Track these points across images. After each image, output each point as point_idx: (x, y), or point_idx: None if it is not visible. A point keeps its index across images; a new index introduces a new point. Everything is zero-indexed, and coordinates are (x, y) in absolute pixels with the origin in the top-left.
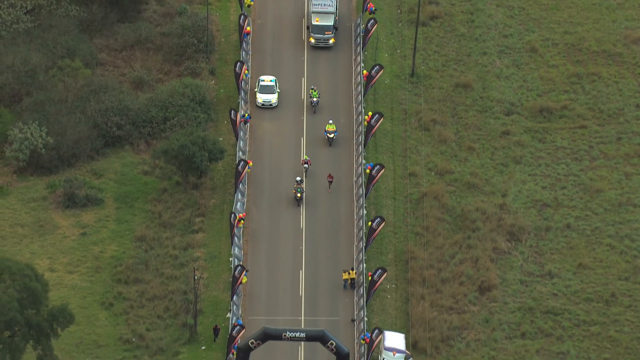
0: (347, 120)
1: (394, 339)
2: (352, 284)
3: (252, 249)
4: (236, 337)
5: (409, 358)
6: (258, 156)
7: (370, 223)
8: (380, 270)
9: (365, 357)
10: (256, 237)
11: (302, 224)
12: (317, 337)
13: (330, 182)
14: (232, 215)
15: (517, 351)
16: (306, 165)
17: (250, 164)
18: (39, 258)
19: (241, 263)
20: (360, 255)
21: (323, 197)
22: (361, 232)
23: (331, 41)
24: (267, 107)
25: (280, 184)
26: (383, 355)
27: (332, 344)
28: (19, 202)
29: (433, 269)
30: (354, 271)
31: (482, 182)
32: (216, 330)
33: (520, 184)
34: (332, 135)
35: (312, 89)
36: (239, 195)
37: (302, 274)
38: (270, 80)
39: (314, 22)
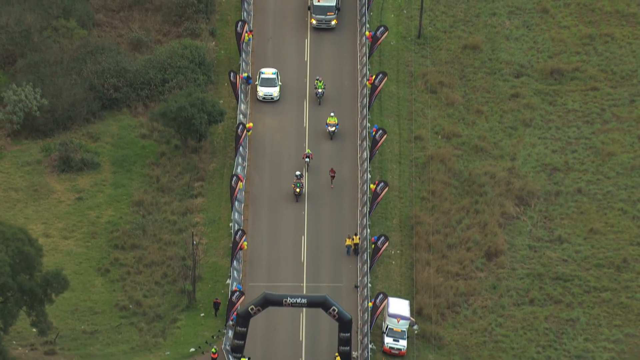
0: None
1: (399, 306)
2: (355, 250)
3: (253, 214)
4: (236, 303)
5: (414, 325)
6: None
7: (373, 187)
8: (382, 238)
9: (369, 323)
10: (257, 202)
11: (305, 189)
12: (318, 303)
13: (333, 177)
14: (234, 177)
15: (525, 318)
16: (308, 159)
17: (250, 126)
18: (33, 223)
19: (242, 228)
20: (364, 220)
21: (326, 163)
22: (365, 197)
23: (333, 22)
24: (268, 100)
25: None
26: (387, 322)
27: (334, 310)
28: (12, 166)
29: (439, 234)
30: (357, 237)
31: (491, 145)
32: (217, 305)
33: (529, 147)
34: (333, 129)
35: (317, 79)
36: (240, 159)
37: (304, 239)
38: (272, 73)
39: (316, 3)
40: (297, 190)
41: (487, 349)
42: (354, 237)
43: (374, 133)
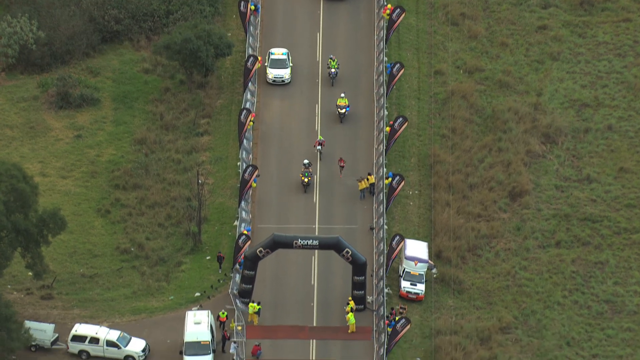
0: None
1: (416, 248)
2: (371, 190)
3: (262, 153)
4: (242, 247)
5: (433, 268)
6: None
7: (391, 123)
8: (397, 178)
9: (384, 267)
10: (267, 139)
11: (317, 125)
12: (331, 245)
13: (342, 168)
14: (243, 111)
15: (551, 261)
16: (319, 147)
17: (260, 60)
18: (30, 162)
19: (252, 164)
20: (381, 159)
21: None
22: (382, 135)
23: None
24: (278, 83)
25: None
26: (404, 265)
27: (347, 252)
28: (7, 102)
29: (460, 173)
30: (372, 176)
31: (516, 80)
32: (220, 259)
33: (557, 82)
34: (343, 111)
35: (330, 58)
36: (249, 95)
37: (316, 179)
38: (282, 54)
39: None
40: (306, 180)
41: (510, 294)
42: (369, 177)
43: (390, 68)
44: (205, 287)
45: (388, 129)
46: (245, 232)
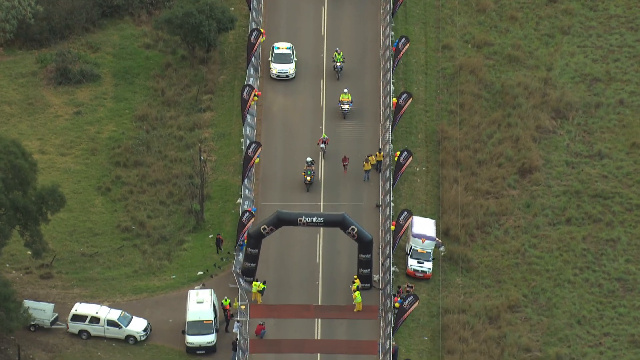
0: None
1: (424, 226)
2: (378, 167)
3: (266, 129)
4: (246, 225)
5: (441, 246)
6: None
7: (396, 99)
8: (405, 153)
9: (391, 244)
10: (271, 115)
11: (322, 101)
12: (336, 222)
13: (346, 166)
14: (246, 88)
15: (561, 238)
16: (323, 145)
17: (264, 34)
18: (28, 139)
19: (255, 140)
20: (387, 135)
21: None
22: (388, 110)
23: None
24: (282, 78)
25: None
26: (411, 243)
27: (353, 229)
28: (6, 78)
29: (468, 149)
30: (381, 153)
31: (525, 54)
32: (219, 241)
33: (568, 56)
34: (346, 107)
35: (336, 51)
36: (252, 70)
37: (321, 155)
38: (287, 48)
39: None
40: (308, 178)
41: (520, 272)
42: (377, 153)
43: (397, 42)
44: (208, 266)
45: (395, 100)
46: (251, 210)
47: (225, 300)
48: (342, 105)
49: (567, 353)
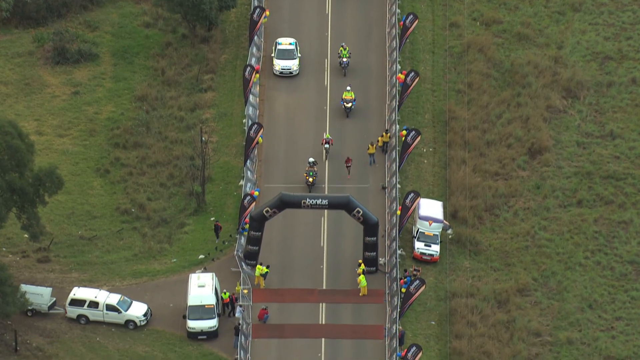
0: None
1: (431, 208)
2: (384, 149)
3: (269, 110)
4: (248, 207)
5: (448, 229)
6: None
7: (404, 73)
8: (413, 133)
9: (397, 227)
10: (273, 96)
11: (327, 81)
12: (341, 205)
13: (349, 167)
14: (248, 67)
15: (572, 220)
16: (327, 146)
17: (268, 13)
18: (25, 120)
19: (257, 121)
20: (393, 115)
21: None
22: (394, 90)
23: None
24: (286, 75)
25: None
26: (418, 226)
27: (358, 212)
28: (2, 58)
29: (476, 130)
30: (387, 134)
31: (535, 32)
32: (217, 228)
33: (579, 34)
34: (349, 105)
35: (342, 46)
36: (254, 49)
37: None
38: (290, 44)
39: None
40: (310, 180)
41: (530, 255)
42: (384, 134)
43: (404, 19)
44: (210, 249)
45: (402, 75)
46: (253, 193)
47: (225, 293)
48: (345, 104)
49: (578, 337)
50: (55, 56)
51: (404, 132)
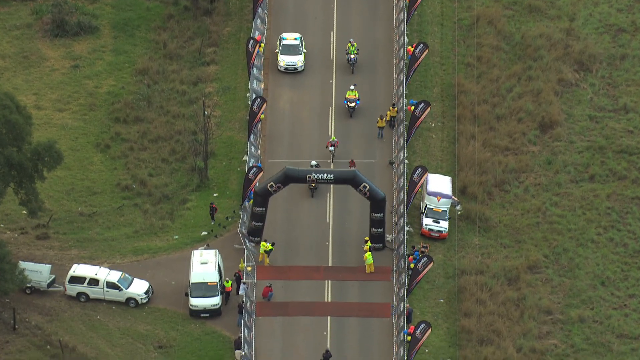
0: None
1: (439, 183)
2: (391, 124)
3: (274, 83)
4: (253, 181)
5: (457, 205)
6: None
7: (411, 49)
8: (422, 104)
9: (405, 203)
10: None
11: (333, 54)
12: (347, 179)
13: None
14: (251, 40)
15: (584, 196)
16: (332, 148)
17: None
18: (23, 94)
19: (261, 96)
20: (401, 89)
21: (357, 21)
22: (402, 63)
23: None
24: (291, 71)
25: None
26: (426, 202)
27: (365, 187)
28: None
29: (486, 104)
30: (395, 108)
31: (547, 4)
32: (213, 210)
33: (591, 5)
34: (353, 104)
35: (349, 42)
36: (258, 22)
37: (331, 111)
38: (295, 39)
39: None
40: (313, 184)
41: (540, 231)
42: (391, 109)
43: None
44: (213, 226)
45: (411, 48)
46: (255, 166)
47: (227, 281)
48: (348, 103)
49: (590, 315)
50: (54, 29)
51: (412, 108)
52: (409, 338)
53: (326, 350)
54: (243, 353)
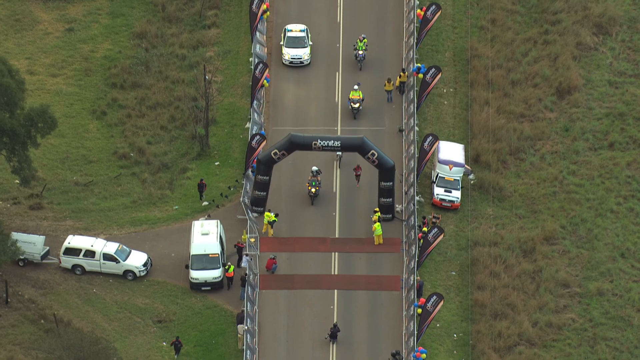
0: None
1: (451, 151)
2: (401, 89)
3: (277, 47)
4: (256, 149)
5: (470, 173)
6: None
7: (422, 12)
8: (433, 70)
9: (415, 172)
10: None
11: (340, 18)
12: (355, 146)
13: (359, 176)
14: (254, 1)
15: (603, 164)
16: (339, 154)
17: None
18: (15, 58)
19: (264, 61)
20: (411, 53)
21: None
22: (412, 26)
23: None
24: (296, 65)
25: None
26: (437, 170)
27: (373, 154)
28: None
29: (500, 69)
30: (405, 73)
31: None
32: (201, 186)
33: None
34: (357, 105)
35: (359, 39)
36: None
37: (338, 76)
38: (301, 30)
39: None
40: (313, 190)
41: (557, 201)
42: (402, 74)
43: None
44: (214, 196)
45: (421, 11)
46: (258, 134)
47: (229, 266)
48: (352, 104)
49: (609, 288)
50: None
51: (421, 76)
52: (419, 311)
53: (334, 325)
54: (246, 327)
